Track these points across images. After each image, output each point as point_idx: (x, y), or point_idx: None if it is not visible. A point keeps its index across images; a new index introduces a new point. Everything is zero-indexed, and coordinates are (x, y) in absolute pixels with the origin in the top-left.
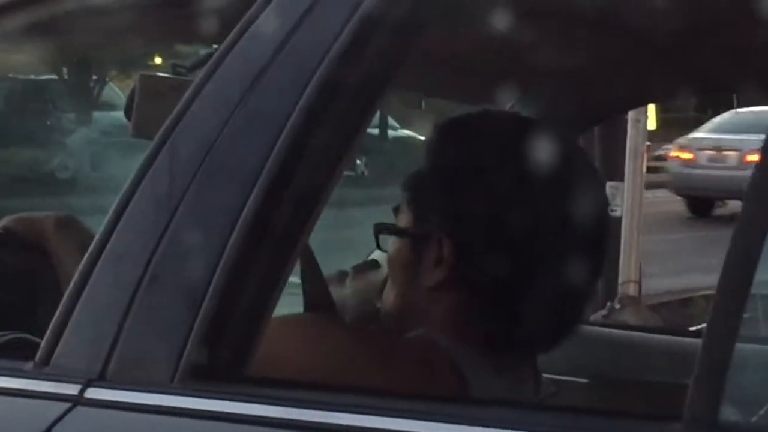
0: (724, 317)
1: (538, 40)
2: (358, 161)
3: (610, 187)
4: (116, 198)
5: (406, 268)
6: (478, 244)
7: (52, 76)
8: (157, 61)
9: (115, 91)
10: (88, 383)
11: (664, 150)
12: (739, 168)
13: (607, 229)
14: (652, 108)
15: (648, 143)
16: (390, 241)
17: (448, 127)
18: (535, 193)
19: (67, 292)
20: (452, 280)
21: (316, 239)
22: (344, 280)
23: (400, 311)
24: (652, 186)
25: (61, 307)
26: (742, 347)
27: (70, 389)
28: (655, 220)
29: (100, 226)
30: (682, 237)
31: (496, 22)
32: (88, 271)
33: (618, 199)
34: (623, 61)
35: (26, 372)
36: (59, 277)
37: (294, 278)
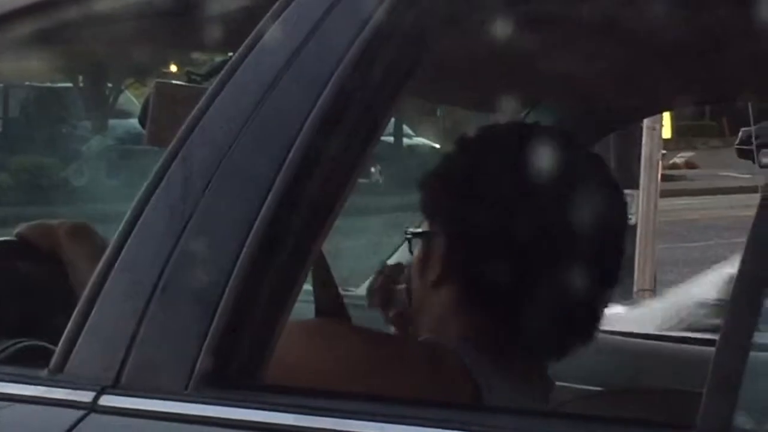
0: (738, 326)
1: (552, 49)
2: (373, 169)
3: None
4: (130, 206)
5: (419, 268)
6: (480, 245)
7: (68, 84)
8: (173, 68)
9: (131, 99)
10: (102, 390)
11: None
12: None
13: (621, 238)
14: (667, 116)
15: (663, 151)
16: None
17: (461, 136)
18: (539, 199)
19: (82, 300)
20: (450, 278)
21: (331, 245)
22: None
23: (415, 312)
24: (667, 194)
25: (76, 315)
26: (756, 356)
27: (85, 396)
28: (671, 229)
29: (114, 234)
30: (698, 246)
31: (506, 31)
32: (103, 279)
33: (633, 208)
34: (638, 69)
35: (41, 379)
36: (73, 285)
37: (306, 286)
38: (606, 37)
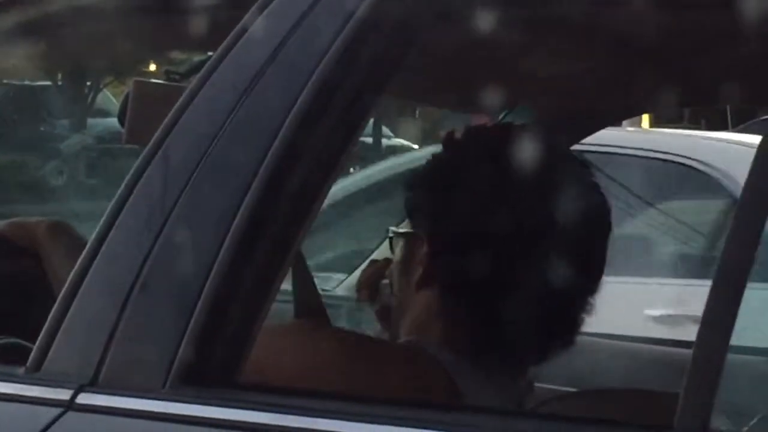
0: (715, 328)
1: (531, 49)
2: (352, 170)
3: None
4: (109, 204)
5: (401, 268)
6: (457, 244)
7: (47, 83)
8: (152, 67)
9: (110, 97)
10: (79, 388)
11: None
12: None
13: (605, 243)
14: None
15: None
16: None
17: (446, 136)
18: (523, 202)
19: (60, 298)
20: (432, 279)
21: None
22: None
23: (396, 312)
24: None
25: (53, 313)
26: (732, 358)
27: (62, 394)
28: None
29: (92, 232)
30: None
31: (490, 31)
32: (81, 277)
33: None
34: (617, 70)
35: (18, 377)
36: (51, 282)
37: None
38: (585, 39)
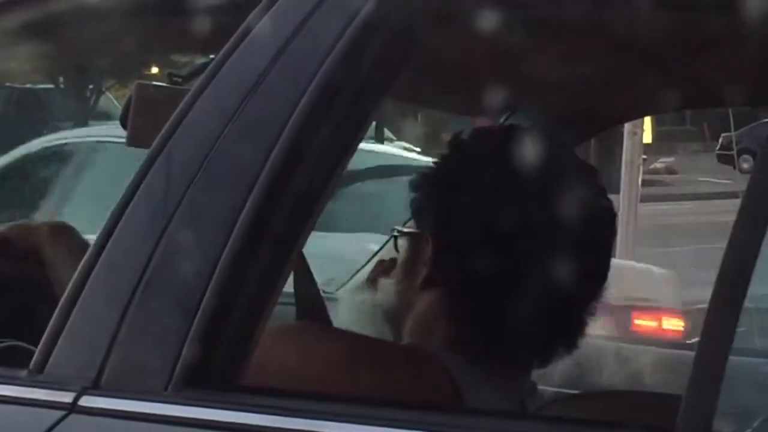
0: (717, 330)
1: (534, 52)
2: None
3: None
4: (112, 207)
5: (405, 268)
6: (462, 245)
7: (49, 86)
8: (154, 70)
9: (112, 100)
10: (82, 391)
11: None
12: None
13: (609, 249)
14: (648, 121)
15: (644, 156)
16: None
17: (454, 138)
18: (530, 204)
19: (62, 300)
20: (436, 280)
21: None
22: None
23: (400, 312)
24: (648, 199)
25: (56, 315)
26: (735, 360)
27: (65, 397)
28: (652, 233)
29: (95, 235)
30: (678, 251)
31: (491, 33)
32: (83, 279)
33: None
34: (620, 73)
35: (21, 380)
36: (54, 285)
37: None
38: (587, 41)
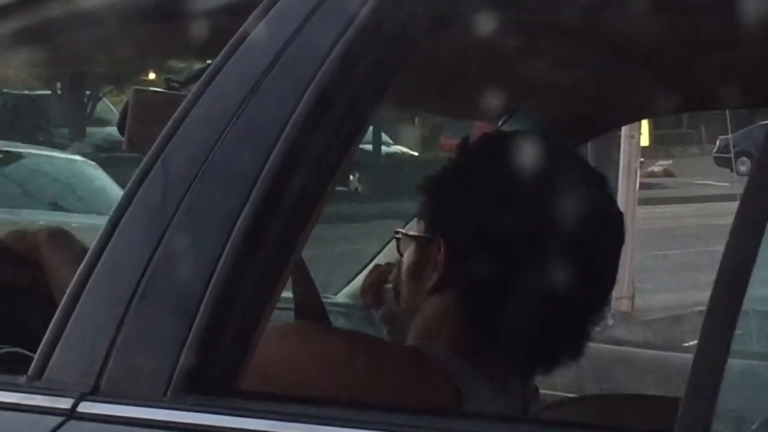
0: (715, 333)
1: (531, 55)
2: (351, 177)
3: None
4: (110, 213)
5: (412, 272)
6: (470, 249)
7: (46, 92)
8: (151, 76)
9: (109, 106)
10: (81, 397)
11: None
12: None
13: (617, 255)
14: (645, 124)
15: (641, 159)
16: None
17: (464, 141)
18: (535, 207)
19: (60, 306)
20: (447, 285)
21: (310, 253)
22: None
23: (403, 316)
24: (645, 202)
25: (55, 321)
26: (733, 363)
27: (63, 403)
28: (649, 236)
29: (92, 240)
30: (675, 254)
31: (489, 37)
32: (82, 285)
33: None
34: (617, 76)
35: (19, 386)
36: (52, 291)
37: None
38: (584, 44)
